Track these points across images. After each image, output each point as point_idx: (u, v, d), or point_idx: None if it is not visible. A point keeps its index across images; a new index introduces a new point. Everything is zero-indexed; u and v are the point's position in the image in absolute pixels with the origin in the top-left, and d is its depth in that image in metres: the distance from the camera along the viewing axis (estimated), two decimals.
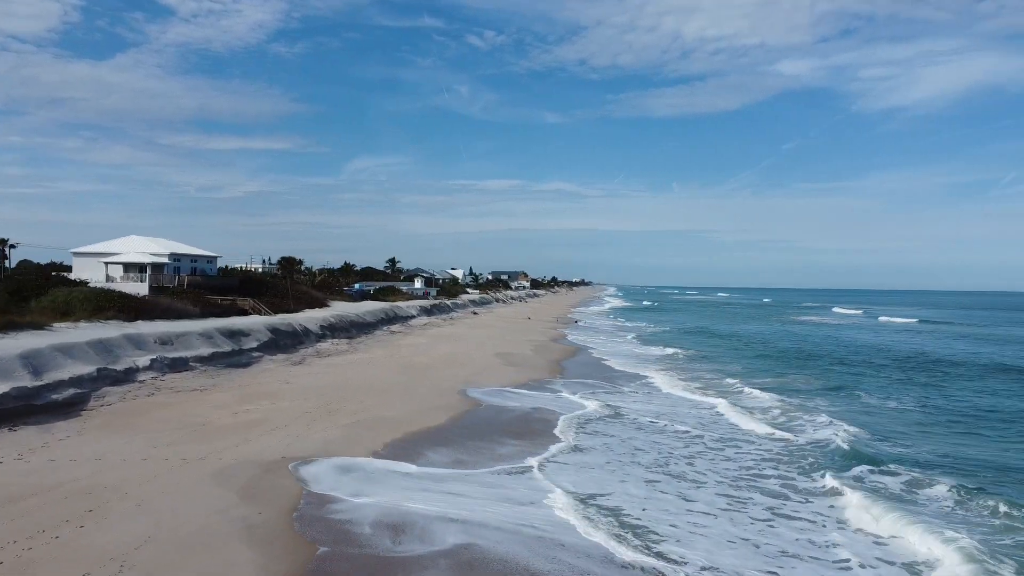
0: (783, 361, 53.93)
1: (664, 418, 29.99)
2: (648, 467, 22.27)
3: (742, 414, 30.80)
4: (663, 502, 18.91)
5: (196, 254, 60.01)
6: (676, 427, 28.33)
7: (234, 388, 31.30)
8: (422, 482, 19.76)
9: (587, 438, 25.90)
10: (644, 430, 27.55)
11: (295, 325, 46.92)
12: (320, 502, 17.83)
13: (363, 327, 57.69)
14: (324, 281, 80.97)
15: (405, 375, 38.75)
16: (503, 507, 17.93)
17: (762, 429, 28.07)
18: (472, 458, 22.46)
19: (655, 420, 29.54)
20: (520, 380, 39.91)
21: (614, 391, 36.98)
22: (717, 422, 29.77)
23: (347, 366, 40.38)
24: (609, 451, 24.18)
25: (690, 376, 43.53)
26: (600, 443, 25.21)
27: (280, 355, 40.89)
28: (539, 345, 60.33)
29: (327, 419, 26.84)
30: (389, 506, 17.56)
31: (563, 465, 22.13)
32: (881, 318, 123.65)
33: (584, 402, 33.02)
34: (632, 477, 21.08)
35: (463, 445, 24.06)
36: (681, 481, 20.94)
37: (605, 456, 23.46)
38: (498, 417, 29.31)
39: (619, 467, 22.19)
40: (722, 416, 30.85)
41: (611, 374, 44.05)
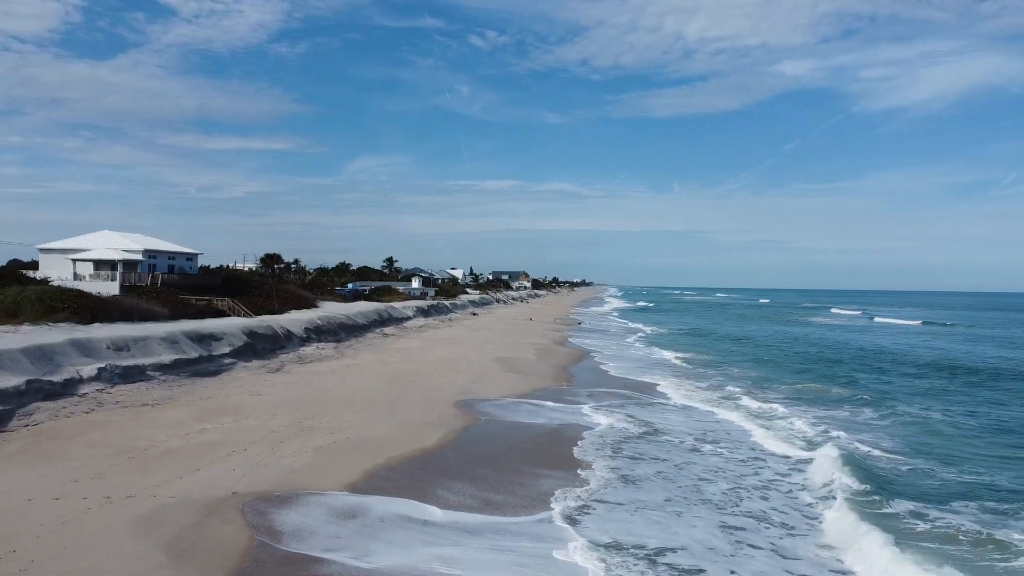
0: (804, 368, 49.81)
1: (698, 437, 25.87)
2: (720, 506, 18.11)
3: (788, 443, 26.59)
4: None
5: (174, 251, 55.90)
6: (728, 451, 24.17)
7: (194, 402, 27.19)
8: (418, 532, 15.66)
9: (629, 465, 21.75)
10: (676, 451, 23.42)
11: (276, 328, 42.83)
12: (275, 560, 13.79)
13: (353, 329, 53.59)
14: (315, 280, 77.02)
15: (394, 384, 34.67)
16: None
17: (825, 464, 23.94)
18: (487, 495, 18.35)
19: (686, 440, 25.41)
20: (524, 389, 35.84)
21: (632, 402, 32.86)
22: (762, 449, 25.64)
23: (330, 374, 36.27)
24: (668, 483, 20.01)
25: (710, 385, 39.41)
26: (648, 472, 21.07)
27: (256, 361, 36.80)
28: (542, 348, 56.24)
29: (297, 440, 22.74)
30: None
31: (616, 510, 17.55)
32: (888, 320, 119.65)
33: (602, 417, 28.93)
34: (707, 524, 16.88)
35: (469, 475, 19.97)
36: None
37: (663, 490, 19.24)
38: (505, 436, 25.26)
39: (686, 506, 18.04)
40: (762, 441, 26.74)
41: (623, 382, 39.94)
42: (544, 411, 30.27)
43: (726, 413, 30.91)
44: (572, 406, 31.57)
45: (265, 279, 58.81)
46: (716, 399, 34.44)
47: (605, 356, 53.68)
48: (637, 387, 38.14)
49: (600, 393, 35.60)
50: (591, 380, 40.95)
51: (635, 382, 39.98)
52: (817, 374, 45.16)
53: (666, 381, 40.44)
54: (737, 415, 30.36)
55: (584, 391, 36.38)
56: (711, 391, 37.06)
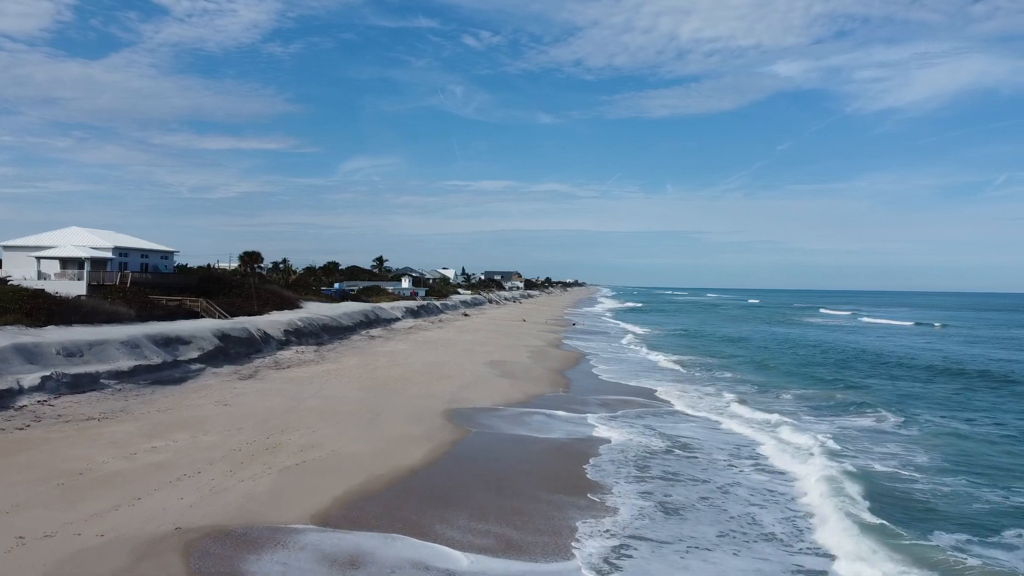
0: (811, 373, 47.22)
1: (731, 452, 23.14)
2: (787, 543, 15.37)
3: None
4: None
5: (147, 248, 52.81)
6: (769, 472, 21.44)
7: (149, 414, 24.29)
8: None
9: (663, 488, 18.91)
10: (713, 470, 20.66)
11: (252, 330, 39.90)
12: None
13: (336, 331, 50.69)
14: (299, 280, 74.03)
15: (378, 392, 31.85)
16: None
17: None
18: (502, 530, 15.57)
19: (717, 456, 22.67)
20: (519, 397, 33.11)
21: (642, 411, 30.13)
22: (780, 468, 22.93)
23: (308, 381, 33.41)
24: (717, 511, 17.16)
25: (717, 390, 36.75)
26: (688, 497, 18.25)
27: (227, 367, 33.88)
28: (536, 351, 53.52)
29: (262, 459, 19.92)
30: None
31: (663, 552, 14.61)
32: (885, 320, 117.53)
33: (614, 429, 26.22)
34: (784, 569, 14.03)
35: (468, 502, 17.18)
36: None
37: (713, 522, 16.41)
38: (503, 452, 22.55)
39: (745, 543, 15.22)
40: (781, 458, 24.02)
41: (626, 388, 37.24)
42: (544, 421, 27.54)
43: (752, 427, 28.19)
44: (575, 415, 28.86)
45: (245, 279, 55.82)
46: (733, 408, 31.75)
47: (602, 359, 51.00)
48: (641, 393, 35.44)
49: (603, 400, 32.88)
50: (591, 386, 38.24)
51: (638, 388, 37.28)
52: (827, 379, 42.55)
53: (671, 387, 37.75)
54: (763, 428, 27.64)
55: (585, 398, 33.68)
56: (723, 399, 34.38)
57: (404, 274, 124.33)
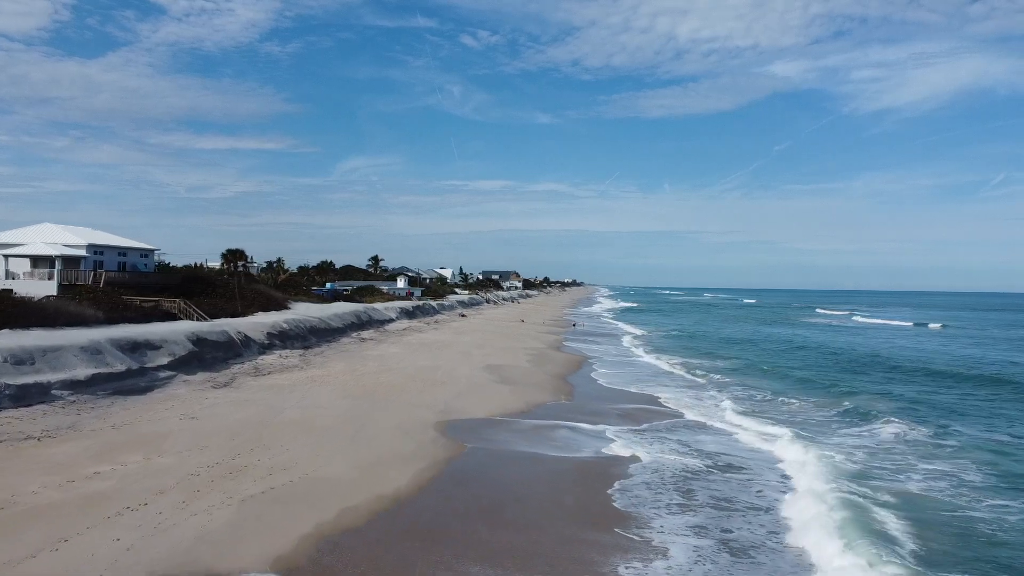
0: (828, 376, 44.56)
1: (782, 475, 20.41)
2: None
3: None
4: None
5: (125, 246, 49.98)
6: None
7: (102, 431, 21.52)
8: None
9: (716, 521, 16.17)
10: (773, 495, 17.93)
11: (232, 333, 37.10)
12: None
13: (325, 334, 47.91)
14: (290, 279, 71.13)
15: (364, 401, 29.12)
16: None
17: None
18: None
19: (769, 477, 19.96)
20: (519, 406, 30.41)
21: (659, 423, 27.41)
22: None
23: (289, 389, 30.65)
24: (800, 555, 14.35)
25: (733, 397, 34.08)
26: (751, 533, 15.48)
27: (201, 374, 31.10)
28: (536, 354, 50.81)
29: (222, 486, 17.18)
30: None
31: None
32: (892, 322, 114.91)
33: (636, 444, 23.57)
34: None
35: (475, 544, 14.47)
36: None
37: None
38: (506, 473, 19.99)
39: None
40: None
41: (639, 397, 34.53)
42: (551, 435, 24.86)
43: (789, 443, 25.48)
44: (587, 426, 26.22)
45: (230, 278, 53.07)
46: (756, 420, 29.04)
47: (605, 363, 48.30)
48: (652, 402, 32.74)
49: (614, 410, 30.18)
50: (596, 392, 35.56)
51: (647, 396, 34.56)
52: (841, 385, 39.75)
53: (681, 395, 35.13)
54: (797, 442, 24.94)
55: (592, 406, 31.01)
56: (742, 407, 31.70)
57: (400, 274, 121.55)
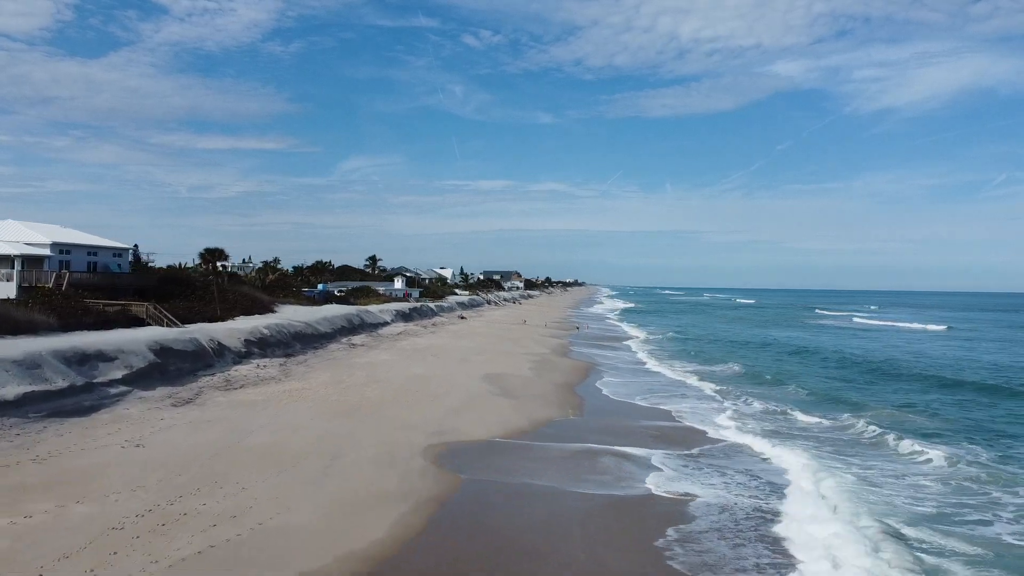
0: (857, 387, 40.90)
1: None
2: None
3: None
4: None
5: (95, 245, 46.36)
6: None
7: (19, 466, 17.85)
8: None
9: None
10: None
11: (203, 340, 33.47)
12: None
13: (311, 340, 44.27)
14: (279, 280, 67.54)
15: (345, 420, 25.48)
16: None
17: None
18: None
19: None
20: (522, 423, 26.82)
21: (695, 448, 23.72)
22: None
23: (261, 406, 27.00)
24: None
25: (765, 410, 30.42)
26: None
27: (162, 389, 27.46)
28: (540, 361, 47.15)
29: (146, 547, 13.51)
30: None
31: None
32: (906, 324, 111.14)
33: (678, 475, 19.89)
34: None
35: None
36: None
37: None
38: (514, 517, 16.40)
39: None
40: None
41: (654, 413, 30.85)
42: (563, 461, 21.28)
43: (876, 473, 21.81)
44: (599, 447, 22.51)
45: (213, 279, 49.49)
46: (793, 446, 25.34)
47: (615, 370, 44.66)
48: (670, 417, 29.03)
49: (635, 428, 26.55)
50: (609, 407, 31.93)
51: (669, 412, 30.85)
52: (875, 399, 36.17)
53: (707, 409, 31.49)
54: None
55: (608, 423, 27.45)
56: (773, 428, 28.02)
57: (398, 274, 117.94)
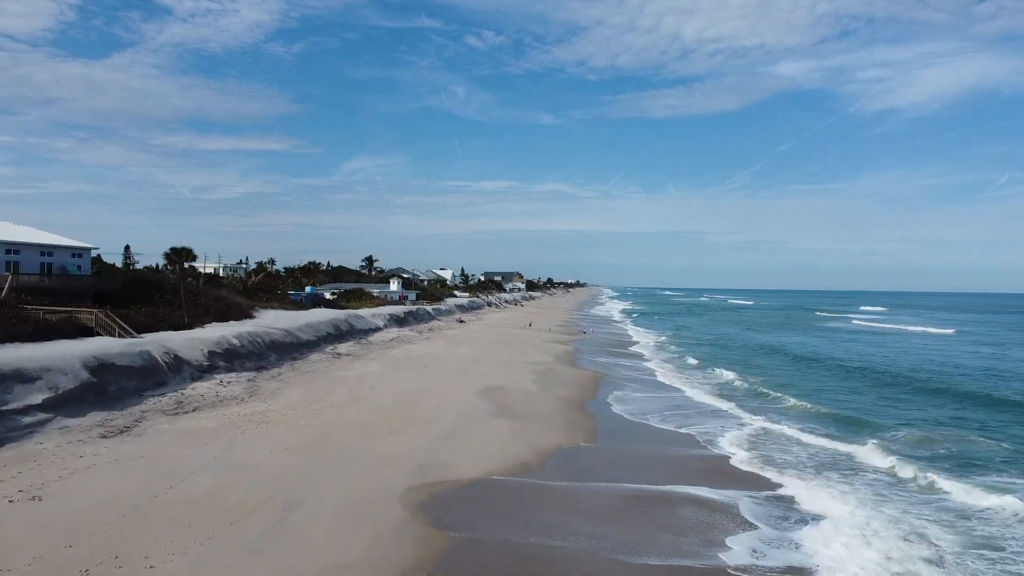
0: (901, 405, 36.38)
1: None
2: None
3: None
4: None
5: (51, 244, 41.86)
6: None
7: None
8: None
9: None
10: None
11: (157, 353, 29.00)
12: None
13: (290, 349, 39.79)
14: (263, 283, 63.01)
15: (313, 454, 21.00)
16: None
17: None
18: None
19: None
20: (526, 454, 22.41)
21: (740, 492, 19.23)
22: None
23: (212, 435, 22.52)
24: None
25: (820, 444, 25.91)
26: None
27: (95, 414, 22.98)
28: (544, 371, 42.65)
29: None
30: None
31: None
32: (920, 328, 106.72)
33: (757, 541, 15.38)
34: None
35: None
36: None
37: None
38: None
39: None
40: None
41: (681, 439, 26.33)
42: (591, 513, 16.71)
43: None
44: (631, 487, 17.93)
45: (192, 282, 45.04)
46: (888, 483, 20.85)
47: (628, 384, 40.14)
48: (695, 444, 24.51)
49: (661, 460, 22.03)
50: (626, 430, 27.44)
51: (695, 439, 26.32)
52: (923, 419, 31.73)
53: (744, 438, 27.00)
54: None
55: (625, 451, 22.91)
56: (824, 462, 23.50)
57: (394, 275, 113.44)
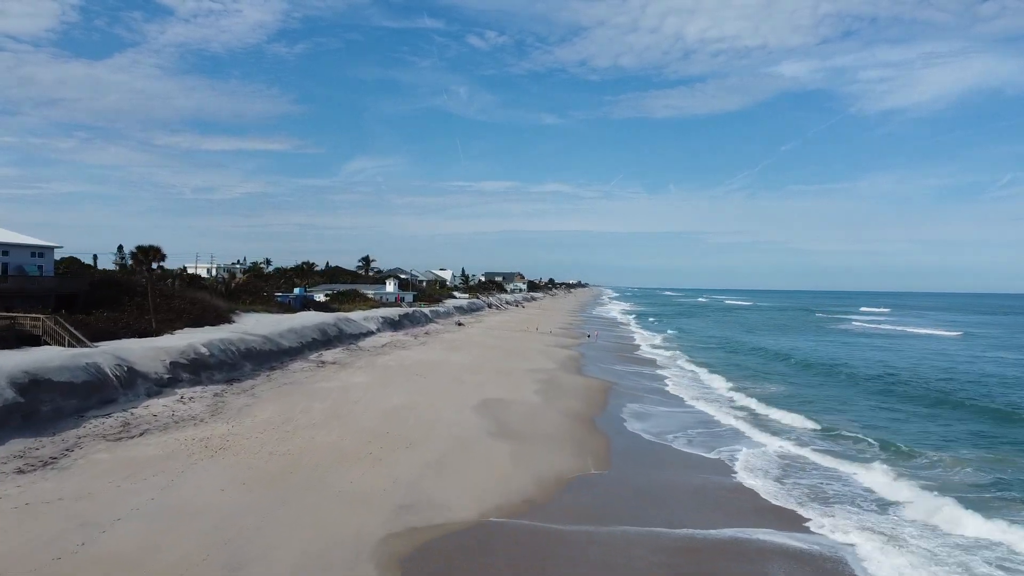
0: (922, 415, 32.83)
1: None
2: None
3: None
4: None
5: (7, 242, 38.11)
6: None
7: None
8: None
9: None
10: None
11: (107, 366, 25.38)
12: None
13: (268, 358, 36.18)
14: (247, 284, 59.29)
15: (273, 490, 17.42)
16: None
17: None
18: None
19: None
20: (530, 486, 18.92)
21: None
22: None
23: (155, 465, 18.92)
24: None
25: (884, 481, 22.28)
26: None
27: (16, 442, 19.30)
28: (548, 380, 39.06)
29: None
30: None
31: None
32: (926, 330, 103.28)
33: None
34: None
35: None
36: None
37: None
38: None
39: None
40: None
41: (705, 464, 22.69)
42: (606, 563, 13.20)
43: None
44: (664, 531, 14.32)
45: (170, 284, 41.40)
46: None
47: (639, 396, 36.56)
48: (726, 471, 20.86)
49: (689, 492, 18.43)
50: (644, 453, 23.89)
51: (726, 465, 22.68)
52: (955, 431, 28.20)
53: (767, 472, 23.42)
54: None
55: (647, 480, 19.34)
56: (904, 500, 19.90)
57: (391, 276, 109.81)
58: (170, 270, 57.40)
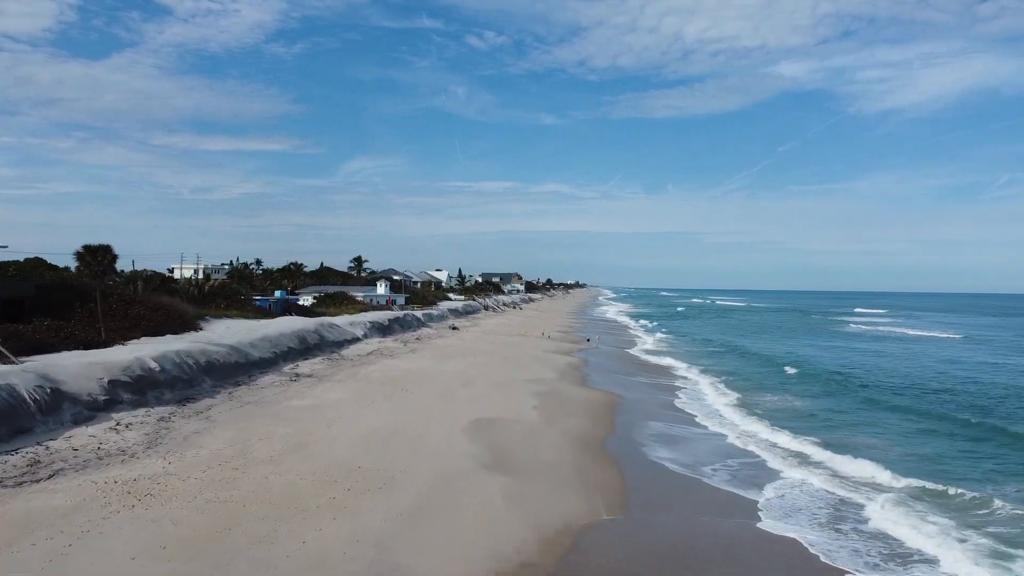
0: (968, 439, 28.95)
1: None
2: None
3: None
4: None
5: None
6: None
7: None
8: None
9: None
10: None
11: (24, 388, 21.24)
12: None
13: (233, 372, 32.10)
14: (222, 287, 55.15)
15: (192, 562, 13.37)
16: None
17: None
18: None
19: None
20: (531, 546, 14.97)
21: None
22: None
23: (55, 525, 14.90)
24: None
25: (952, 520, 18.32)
26: None
27: None
28: (548, 393, 35.08)
29: None
30: None
31: None
32: (931, 333, 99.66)
33: None
34: None
35: None
36: None
37: None
38: None
39: None
40: None
41: (741, 505, 18.71)
42: None
43: None
44: None
45: (121, 287, 37.32)
46: None
47: (653, 412, 32.69)
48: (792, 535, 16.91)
49: (761, 558, 14.47)
50: (674, 493, 19.84)
51: (806, 512, 18.71)
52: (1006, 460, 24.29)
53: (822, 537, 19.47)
54: None
55: (684, 536, 15.23)
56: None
57: (383, 277, 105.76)
58: (140, 271, 53.32)
